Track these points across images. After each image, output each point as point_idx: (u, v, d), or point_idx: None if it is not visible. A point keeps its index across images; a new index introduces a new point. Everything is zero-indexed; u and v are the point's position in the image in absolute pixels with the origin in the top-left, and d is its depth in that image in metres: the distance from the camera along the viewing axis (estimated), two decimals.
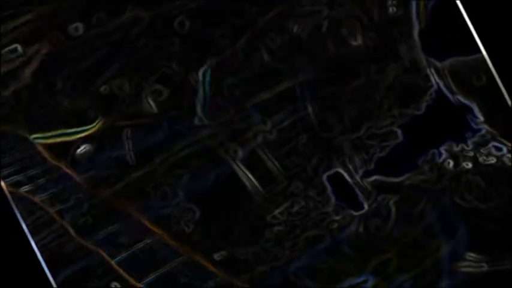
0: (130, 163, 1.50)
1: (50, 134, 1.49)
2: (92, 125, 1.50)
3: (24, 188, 1.48)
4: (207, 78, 1.51)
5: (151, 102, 1.51)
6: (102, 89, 1.50)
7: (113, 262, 1.48)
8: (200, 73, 1.51)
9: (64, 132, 1.49)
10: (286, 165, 1.53)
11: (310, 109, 1.54)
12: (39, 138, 1.49)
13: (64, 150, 1.49)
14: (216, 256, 1.50)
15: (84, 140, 1.49)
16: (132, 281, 1.48)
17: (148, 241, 1.49)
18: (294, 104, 1.54)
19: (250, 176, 1.52)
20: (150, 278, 1.49)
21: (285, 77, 1.54)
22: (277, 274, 1.51)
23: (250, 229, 1.52)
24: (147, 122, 1.50)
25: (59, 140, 1.49)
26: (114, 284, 1.49)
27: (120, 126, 1.50)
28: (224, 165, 1.52)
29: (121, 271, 1.48)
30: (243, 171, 1.52)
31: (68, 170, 1.49)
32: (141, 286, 1.48)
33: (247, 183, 1.52)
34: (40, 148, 1.49)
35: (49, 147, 1.49)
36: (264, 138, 1.53)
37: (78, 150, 1.49)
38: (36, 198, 1.48)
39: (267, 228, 1.52)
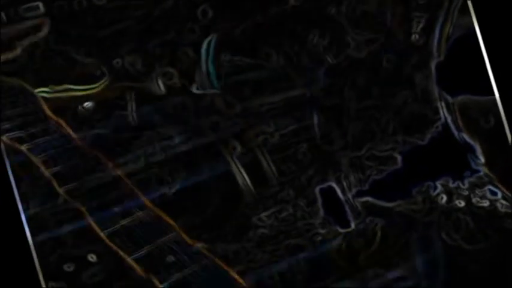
0: (133, 124, 1.50)
1: (55, 88, 1.49)
2: (97, 84, 1.50)
3: (23, 145, 1.48)
4: (212, 48, 1.51)
5: (161, 84, 1.51)
6: (114, 62, 1.50)
7: (102, 234, 1.48)
8: (205, 43, 1.51)
9: (69, 87, 1.49)
10: (281, 170, 1.53)
11: (315, 120, 1.54)
12: (43, 92, 1.49)
13: (67, 107, 1.49)
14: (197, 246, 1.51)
15: (88, 98, 1.50)
16: (121, 253, 1.48)
17: (140, 214, 1.49)
18: (300, 111, 1.54)
19: (244, 174, 1.52)
20: (140, 254, 1.49)
21: (296, 84, 1.54)
22: (252, 275, 1.52)
23: (234, 226, 1.52)
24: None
25: (63, 95, 1.49)
26: (90, 255, 1.49)
27: (124, 87, 1.50)
28: (221, 159, 1.52)
29: (110, 243, 1.48)
30: (238, 169, 1.52)
31: (68, 130, 1.49)
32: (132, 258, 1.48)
33: (239, 181, 1.52)
34: (43, 103, 1.49)
35: (52, 102, 1.49)
36: (265, 140, 1.53)
37: (82, 106, 1.49)
38: (33, 157, 1.48)
39: (251, 229, 1.52)
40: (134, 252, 1.47)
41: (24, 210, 1.47)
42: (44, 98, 1.49)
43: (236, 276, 1.50)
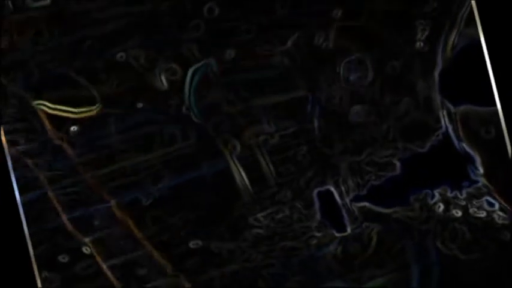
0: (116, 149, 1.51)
1: (53, 106, 1.50)
2: (89, 108, 1.50)
3: (21, 148, 1.49)
4: (196, 79, 1.52)
5: (164, 80, 1.51)
6: (118, 55, 1.50)
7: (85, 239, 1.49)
8: (190, 71, 1.52)
9: (64, 109, 1.50)
10: (280, 171, 1.53)
11: (316, 123, 1.54)
12: (42, 106, 1.49)
13: (62, 123, 1.50)
14: (191, 244, 1.51)
15: (76, 121, 1.50)
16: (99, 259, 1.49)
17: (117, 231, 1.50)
18: (302, 113, 1.54)
19: (242, 173, 1.52)
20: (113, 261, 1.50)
21: (300, 86, 1.54)
22: (246, 275, 1.52)
23: (230, 225, 1.52)
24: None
25: (59, 114, 1.50)
26: (85, 247, 1.49)
27: (112, 113, 1.51)
28: (219, 157, 1.52)
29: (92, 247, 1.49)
30: (237, 168, 1.52)
31: (62, 143, 1.50)
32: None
33: (238, 180, 1.52)
34: (41, 114, 1.49)
35: (49, 116, 1.49)
36: (265, 140, 1.53)
37: (71, 129, 1.50)
38: (29, 160, 1.49)
39: (247, 229, 1.52)
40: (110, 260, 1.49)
41: (21, 200, 1.47)
42: (43, 112, 1.50)
43: None
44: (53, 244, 1.48)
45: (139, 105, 1.51)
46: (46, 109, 1.49)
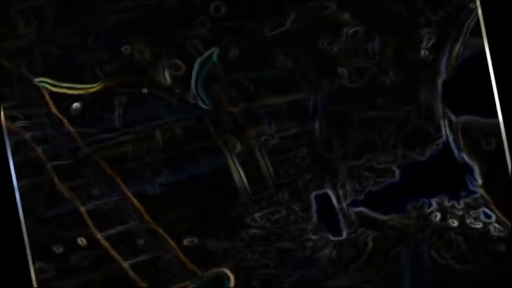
0: (118, 127, 1.50)
1: (54, 82, 1.49)
2: (93, 85, 1.50)
3: (20, 123, 1.48)
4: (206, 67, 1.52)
5: (167, 75, 1.51)
6: (123, 48, 1.50)
7: (82, 209, 1.49)
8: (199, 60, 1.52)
9: (67, 85, 1.50)
10: (279, 173, 1.53)
11: (317, 125, 1.54)
12: (43, 83, 1.49)
13: (62, 99, 1.50)
14: (186, 241, 1.50)
15: (79, 97, 1.50)
16: (93, 229, 1.48)
17: (119, 199, 1.49)
18: (303, 116, 1.54)
19: (241, 172, 1.52)
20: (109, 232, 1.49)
21: (302, 88, 1.54)
22: (240, 274, 1.52)
23: (227, 224, 1.52)
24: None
25: (61, 90, 1.49)
26: (80, 239, 1.49)
27: (118, 91, 1.51)
28: (219, 155, 1.52)
29: (87, 219, 1.49)
30: (236, 166, 1.52)
31: (62, 118, 1.49)
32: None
33: (236, 179, 1.52)
34: (43, 91, 1.49)
35: (50, 92, 1.49)
36: (266, 140, 1.53)
37: (73, 106, 1.50)
38: (28, 135, 1.48)
39: (243, 228, 1.52)
40: (105, 231, 1.48)
41: (19, 189, 1.47)
42: (46, 89, 1.49)
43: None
44: (48, 234, 1.48)
45: (145, 90, 1.51)
46: (49, 86, 1.49)
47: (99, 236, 1.48)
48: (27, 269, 1.47)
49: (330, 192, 1.54)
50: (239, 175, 1.52)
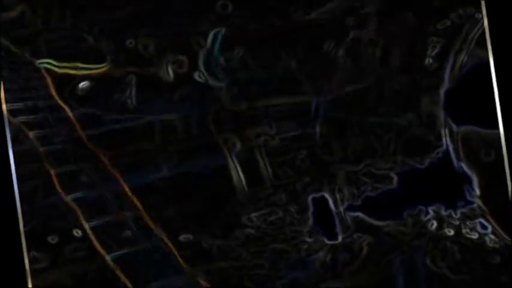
0: (131, 108, 1.50)
1: (57, 63, 1.49)
2: (102, 65, 1.50)
3: (21, 118, 1.49)
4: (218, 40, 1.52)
5: (170, 71, 1.51)
6: (127, 42, 1.51)
7: (67, 198, 1.49)
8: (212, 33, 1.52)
9: (73, 65, 1.50)
10: (277, 174, 1.53)
11: (318, 128, 1.54)
12: (45, 64, 1.49)
13: (66, 83, 1.50)
14: (182, 237, 1.51)
15: (89, 78, 1.50)
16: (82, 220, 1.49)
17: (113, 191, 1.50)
18: (305, 118, 1.54)
19: (240, 172, 1.52)
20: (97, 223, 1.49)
21: (304, 90, 1.54)
22: (233, 273, 1.52)
23: (223, 222, 1.52)
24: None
25: (65, 71, 1.49)
26: (76, 230, 1.49)
27: (127, 71, 1.51)
28: (218, 153, 1.52)
29: (76, 208, 1.49)
30: (235, 165, 1.52)
31: (64, 105, 1.49)
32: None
33: (234, 178, 1.52)
34: (44, 75, 1.49)
35: (53, 76, 1.49)
36: (266, 141, 1.53)
37: (80, 85, 1.50)
38: (20, 119, 1.49)
39: (239, 228, 1.52)
40: (92, 221, 1.48)
41: (17, 179, 1.48)
42: (47, 70, 1.49)
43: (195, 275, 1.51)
44: (44, 223, 1.48)
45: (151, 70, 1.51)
46: (53, 67, 1.49)
47: (87, 226, 1.48)
48: (22, 257, 1.47)
49: (327, 195, 1.54)
50: (238, 174, 1.52)
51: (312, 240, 1.53)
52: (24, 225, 1.47)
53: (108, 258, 1.49)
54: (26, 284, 1.47)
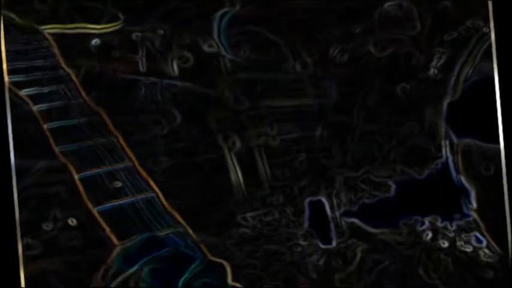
0: (141, 70, 1.50)
1: (62, 26, 1.50)
2: (110, 24, 1.50)
3: (24, 91, 1.49)
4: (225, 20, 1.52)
5: (175, 66, 1.51)
6: (133, 35, 1.51)
7: (76, 176, 1.48)
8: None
9: (80, 25, 1.50)
10: (276, 175, 1.53)
11: (319, 132, 1.54)
12: (50, 29, 1.49)
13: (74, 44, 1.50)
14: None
15: (97, 36, 1.50)
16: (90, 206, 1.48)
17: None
18: (306, 121, 1.54)
19: (238, 170, 1.52)
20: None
21: (308, 93, 1.54)
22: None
23: (218, 220, 1.52)
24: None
25: (73, 31, 1.50)
26: (71, 219, 1.49)
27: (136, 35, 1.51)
28: (218, 150, 1.52)
29: (82, 192, 1.48)
30: (233, 164, 1.52)
31: (68, 70, 1.50)
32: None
33: (232, 177, 1.52)
34: (50, 39, 1.49)
35: (58, 40, 1.49)
36: (266, 141, 1.53)
37: (92, 42, 1.50)
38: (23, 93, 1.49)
39: (234, 226, 1.52)
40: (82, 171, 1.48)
41: (15, 163, 1.48)
42: (52, 34, 1.49)
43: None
44: (39, 211, 1.48)
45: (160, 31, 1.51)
46: (58, 30, 1.49)
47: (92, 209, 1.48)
48: (15, 244, 1.47)
49: (324, 199, 1.54)
50: (236, 172, 1.52)
51: (306, 243, 1.53)
52: (20, 212, 1.47)
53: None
54: (18, 270, 1.47)
